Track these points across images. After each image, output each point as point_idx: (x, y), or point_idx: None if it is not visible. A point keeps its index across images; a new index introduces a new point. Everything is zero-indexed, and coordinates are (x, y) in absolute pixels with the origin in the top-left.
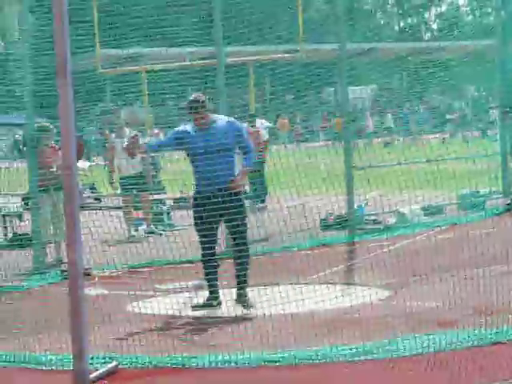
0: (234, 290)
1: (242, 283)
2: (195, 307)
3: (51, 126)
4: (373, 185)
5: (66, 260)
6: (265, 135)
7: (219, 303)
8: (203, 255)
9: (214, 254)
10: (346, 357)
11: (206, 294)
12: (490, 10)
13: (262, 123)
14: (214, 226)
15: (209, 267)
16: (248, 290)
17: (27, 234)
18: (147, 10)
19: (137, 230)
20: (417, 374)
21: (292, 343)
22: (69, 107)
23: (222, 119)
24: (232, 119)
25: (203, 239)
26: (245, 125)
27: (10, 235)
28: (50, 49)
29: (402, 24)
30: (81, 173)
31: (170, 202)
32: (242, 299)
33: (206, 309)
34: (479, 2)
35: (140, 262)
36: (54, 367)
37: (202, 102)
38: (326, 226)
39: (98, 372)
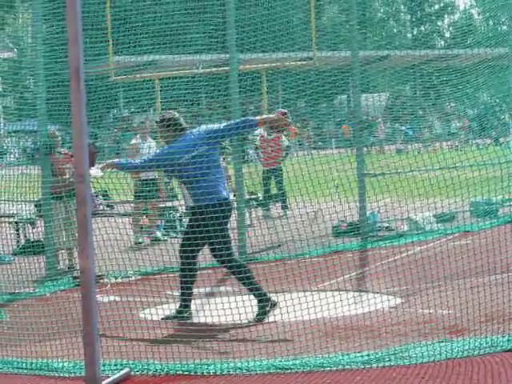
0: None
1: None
2: (166, 318)
3: (57, 133)
4: (385, 192)
5: (78, 267)
6: (285, 141)
7: (190, 314)
8: (183, 265)
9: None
10: (358, 364)
11: (217, 301)
12: (503, 19)
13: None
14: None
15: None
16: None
17: (40, 241)
18: (160, 18)
19: (148, 237)
20: (429, 382)
21: (304, 350)
22: (81, 114)
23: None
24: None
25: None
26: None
27: (22, 242)
28: (63, 56)
29: (415, 32)
30: (93, 180)
31: (182, 209)
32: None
33: (177, 320)
34: (492, 10)
35: (152, 269)
36: (66, 374)
37: (168, 120)
38: (338, 233)
39: (110, 379)
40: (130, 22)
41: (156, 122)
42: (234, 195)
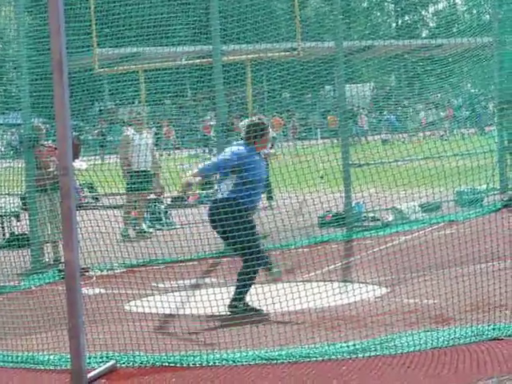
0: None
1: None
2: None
3: (42, 126)
4: (370, 182)
5: (63, 260)
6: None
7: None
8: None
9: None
10: (344, 354)
11: (202, 292)
12: (487, 8)
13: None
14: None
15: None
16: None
17: (25, 234)
18: (144, 9)
19: (135, 229)
20: (415, 371)
21: (289, 341)
22: (65, 107)
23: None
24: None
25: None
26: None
27: (7, 235)
28: (47, 49)
29: (399, 22)
30: (78, 173)
31: (167, 201)
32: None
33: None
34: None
35: (137, 261)
36: (51, 367)
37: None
38: (323, 223)
39: (95, 371)
40: (113, 13)
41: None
42: None
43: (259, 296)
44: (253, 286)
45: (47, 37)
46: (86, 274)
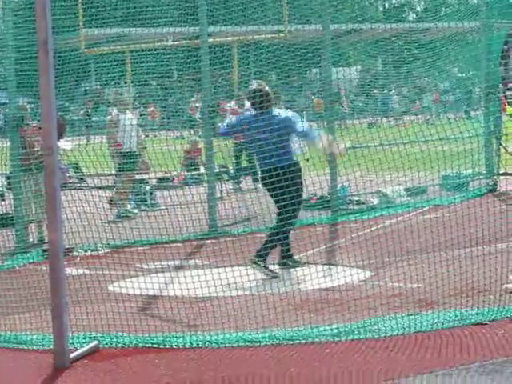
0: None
1: (259, 251)
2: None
3: (27, 106)
4: (355, 166)
5: (47, 240)
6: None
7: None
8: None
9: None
10: (328, 337)
11: (186, 274)
12: None
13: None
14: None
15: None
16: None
17: (9, 214)
18: None
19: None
20: (398, 355)
21: (273, 323)
22: (50, 86)
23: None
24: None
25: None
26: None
27: None
28: (33, 28)
29: (386, 5)
30: (63, 153)
31: (152, 182)
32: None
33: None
34: None
35: (122, 242)
36: (34, 347)
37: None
38: (308, 206)
39: (78, 351)
40: None
41: (250, 91)
42: (204, 168)
43: (243, 278)
44: (238, 268)
45: (33, 16)
46: (70, 254)
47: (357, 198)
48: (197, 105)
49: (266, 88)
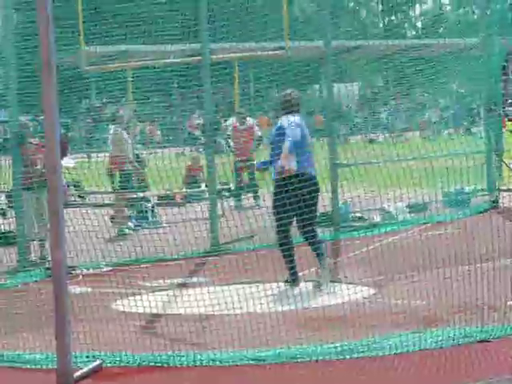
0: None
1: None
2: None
3: (30, 124)
4: (358, 182)
5: (50, 258)
6: (257, 132)
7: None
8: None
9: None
10: (331, 355)
11: (189, 292)
12: (474, 8)
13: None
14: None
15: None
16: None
17: (11, 232)
18: (132, 7)
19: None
20: (403, 372)
21: (277, 341)
22: (53, 105)
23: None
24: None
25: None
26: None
27: None
28: (35, 46)
29: (386, 22)
30: (65, 171)
31: (154, 200)
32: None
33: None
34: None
35: (125, 260)
36: (38, 366)
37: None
38: None
39: (82, 371)
40: (101, 11)
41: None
42: (206, 185)
43: (246, 296)
44: (242, 286)
45: (35, 34)
46: (73, 272)
47: (359, 215)
48: (198, 122)
49: (296, 92)
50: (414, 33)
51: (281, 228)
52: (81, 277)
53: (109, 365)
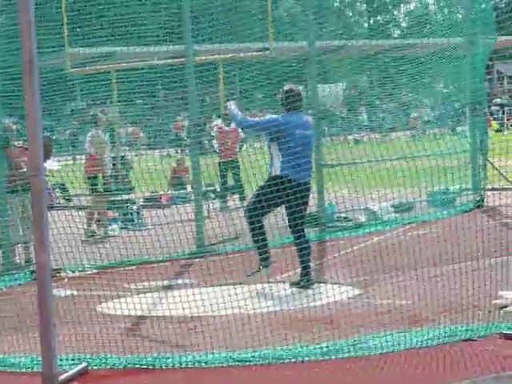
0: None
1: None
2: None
3: (13, 126)
4: (343, 183)
5: (34, 261)
6: (242, 133)
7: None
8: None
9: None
10: (317, 356)
11: (175, 294)
12: (458, 8)
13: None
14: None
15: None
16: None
17: None
18: (116, 9)
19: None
20: (388, 372)
21: (262, 343)
22: (35, 107)
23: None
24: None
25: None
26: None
27: None
28: (17, 48)
29: (371, 21)
30: (49, 174)
31: (139, 202)
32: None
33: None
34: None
35: (109, 263)
36: (23, 369)
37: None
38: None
39: (67, 374)
40: (85, 13)
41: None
42: (191, 187)
43: (232, 297)
44: (227, 287)
45: (17, 36)
46: (58, 275)
47: (344, 215)
48: (183, 123)
49: (299, 88)
50: (399, 32)
51: (254, 212)
52: (66, 280)
53: (94, 367)
